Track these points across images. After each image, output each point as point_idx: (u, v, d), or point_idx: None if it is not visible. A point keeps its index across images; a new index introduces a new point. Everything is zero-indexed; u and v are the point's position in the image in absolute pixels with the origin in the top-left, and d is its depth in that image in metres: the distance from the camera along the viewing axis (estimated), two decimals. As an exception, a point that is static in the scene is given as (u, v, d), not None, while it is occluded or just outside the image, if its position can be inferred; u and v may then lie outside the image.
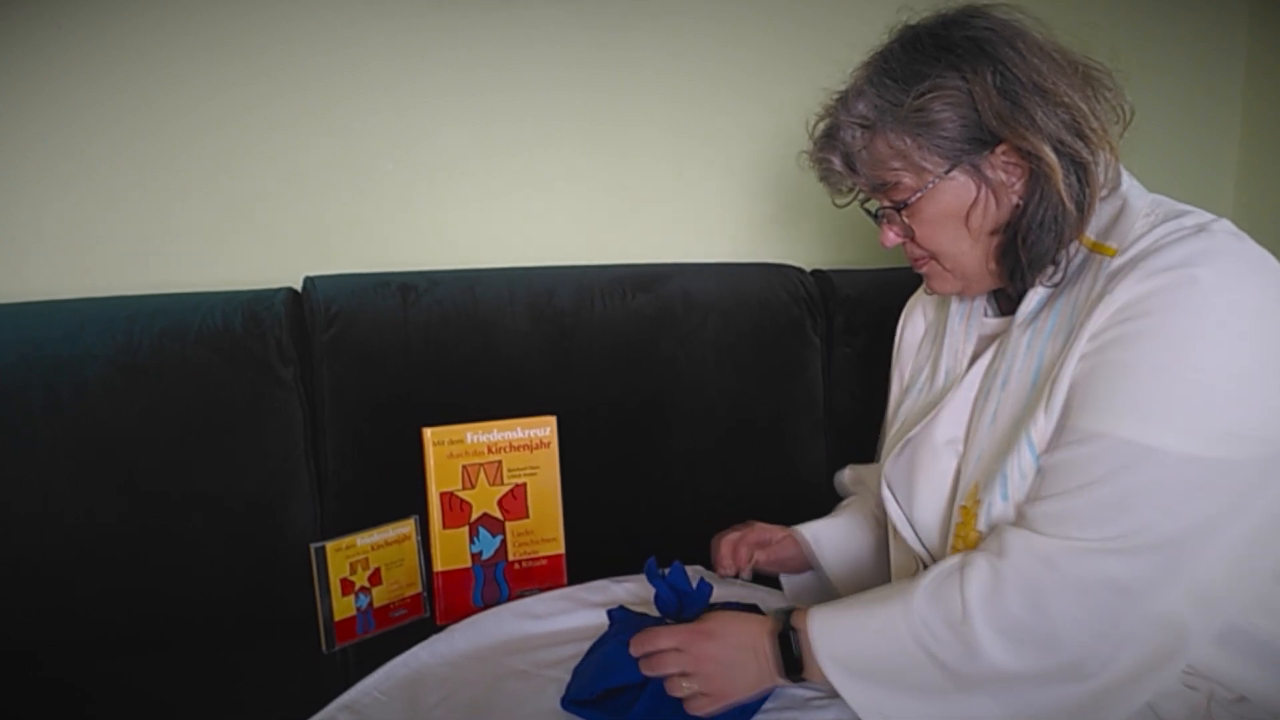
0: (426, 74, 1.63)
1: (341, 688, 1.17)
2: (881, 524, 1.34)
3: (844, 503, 1.40)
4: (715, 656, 1.01)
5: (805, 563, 1.34)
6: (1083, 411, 0.91)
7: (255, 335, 1.41)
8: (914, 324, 1.28)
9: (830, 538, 1.33)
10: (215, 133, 1.54)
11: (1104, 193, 0.98)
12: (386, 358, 1.46)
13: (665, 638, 1.03)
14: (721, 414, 1.62)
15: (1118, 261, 0.93)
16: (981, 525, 0.98)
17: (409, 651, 1.22)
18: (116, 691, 1.23)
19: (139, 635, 1.35)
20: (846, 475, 1.45)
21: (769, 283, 1.70)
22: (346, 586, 1.34)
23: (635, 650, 1.03)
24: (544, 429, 1.42)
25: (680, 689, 1.00)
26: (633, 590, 1.36)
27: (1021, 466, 0.95)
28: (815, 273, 1.76)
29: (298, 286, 1.52)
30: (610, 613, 1.19)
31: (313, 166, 1.59)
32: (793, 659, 0.99)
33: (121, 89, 1.49)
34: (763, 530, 1.36)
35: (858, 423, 1.47)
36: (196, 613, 1.38)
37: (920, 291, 1.28)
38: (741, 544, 1.35)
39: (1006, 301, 1.10)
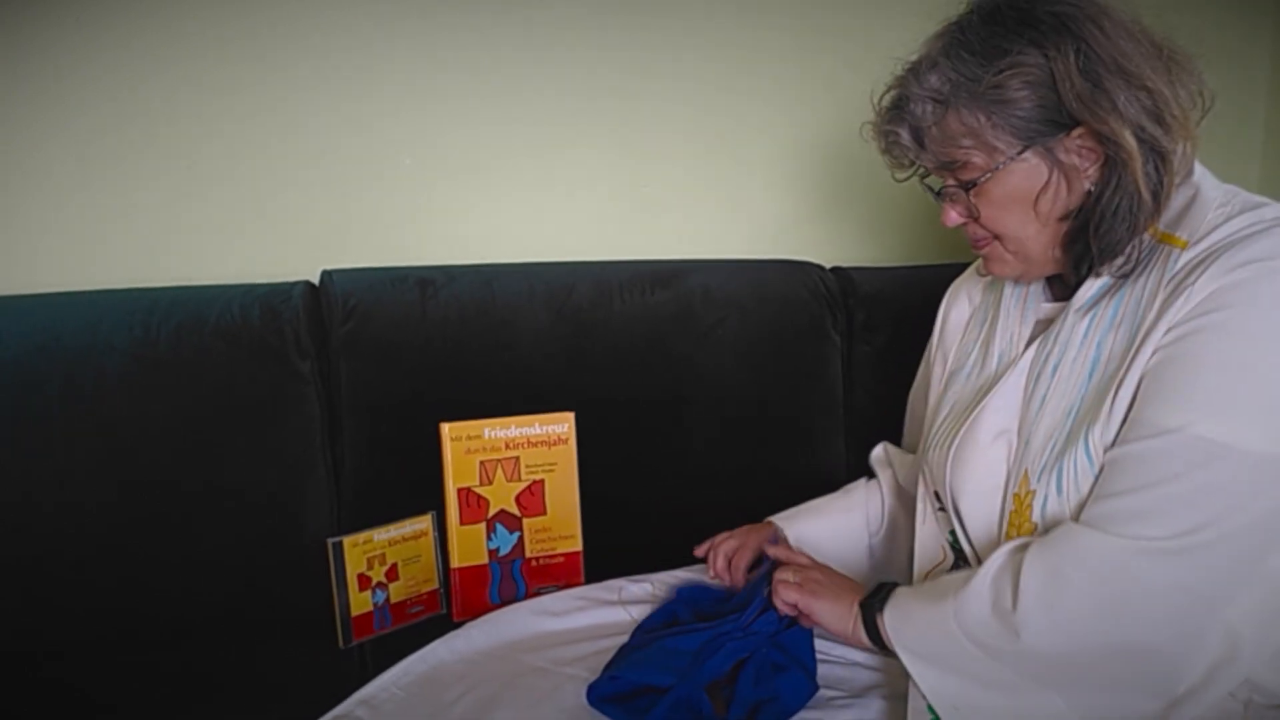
0: (446, 71, 1.62)
1: (358, 683, 1.16)
2: (882, 517, 1.33)
3: (849, 492, 1.37)
4: (821, 580, 1.12)
5: None
6: (1155, 404, 0.88)
7: (272, 329, 1.41)
8: (959, 306, 1.23)
9: (813, 539, 1.31)
10: (233, 126, 1.53)
11: (1177, 181, 0.95)
12: (404, 352, 1.46)
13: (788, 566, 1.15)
14: (740, 411, 1.61)
15: (1190, 254, 0.91)
16: (1036, 516, 0.96)
17: (426, 648, 1.21)
18: (133, 686, 1.23)
19: (155, 629, 1.35)
20: (877, 453, 1.40)
21: (789, 280, 1.69)
22: (364, 582, 1.33)
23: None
24: (562, 425, 1.41)
25: (785, 579, 1.12)
26: (648, 590, 1.35)
27: (1078, 464, 0.93)
28: (835, 270, 1.75)
29: (315, 280, 1.52)
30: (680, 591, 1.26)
31: (331, 161, 1.59)
32: (873, 624, 1.02)
33: (140, 84, 1.49)
34: (756, 538, 1.33)
35: (878, 420, 1.45)
36: (213, 607, 1.38)
37: (968, 274, 1.25)
38: (739, 557, 1.32)
39: (1061, 287, 1.07)
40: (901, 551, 1.30)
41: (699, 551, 1.34)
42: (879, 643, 1.02)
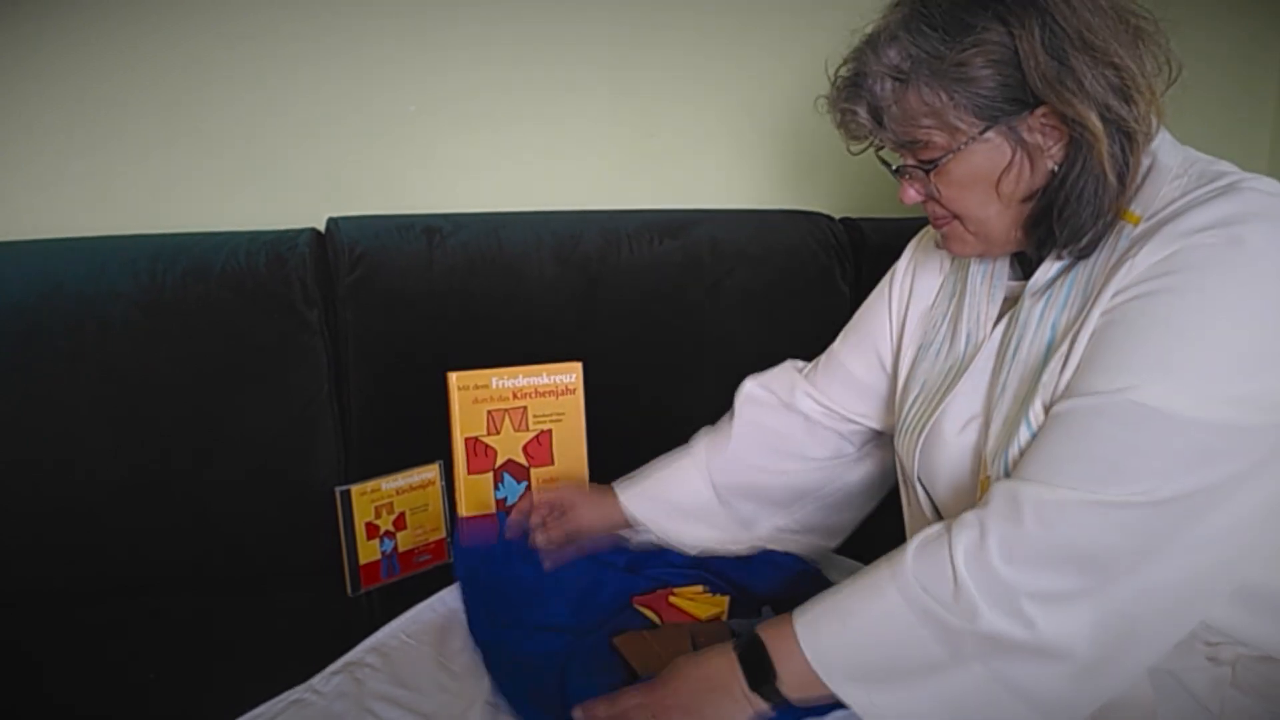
0: (451, 16, 1.59)
1: (366, 632, 1.17)
2: (749, 462, 1.30)
3: (688, 449, 1.33)
4: (680, 704, 0.94)
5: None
6: (1091, 368, 0.87)
7: (279, 276, 1.39)
8: (930, 267, 1.19)
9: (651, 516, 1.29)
10: (238, 73, 1.51)
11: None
12: (411, 301, 1.45)
13: (626, 697, 0.96)
14: (748, 362, 1.59)
15: (1142, 227, 0.89)
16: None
17: (435, 596, 1.23)
18: (141, 634, 1.23)
19: (162, 578, 1.36)
20: (747, 389, 1.35)
21: (797, 230, 1.68)
22: (371, 530, 1.34)
23: (595, 715, 0.96)
24: (570, 375, 1.40)
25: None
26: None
27: (1020, 440, 0.91)
28: (844, 220, 1.73)
29: (321, 228, 1.50)
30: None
31: (336, 108, 1.57)
32: (765, 672, 0.92)
33: (145, 30, 1.46)
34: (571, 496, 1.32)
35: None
36: (220, 555, 1.39)
37: (929, 240, 1.21)
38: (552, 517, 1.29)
39: (1028, 263, 1.04)
40: (781, 486, 1.29)
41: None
42: (773, 694, 0.92)
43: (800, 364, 1.35)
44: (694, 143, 1.76)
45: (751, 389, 1.34)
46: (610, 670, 1.05)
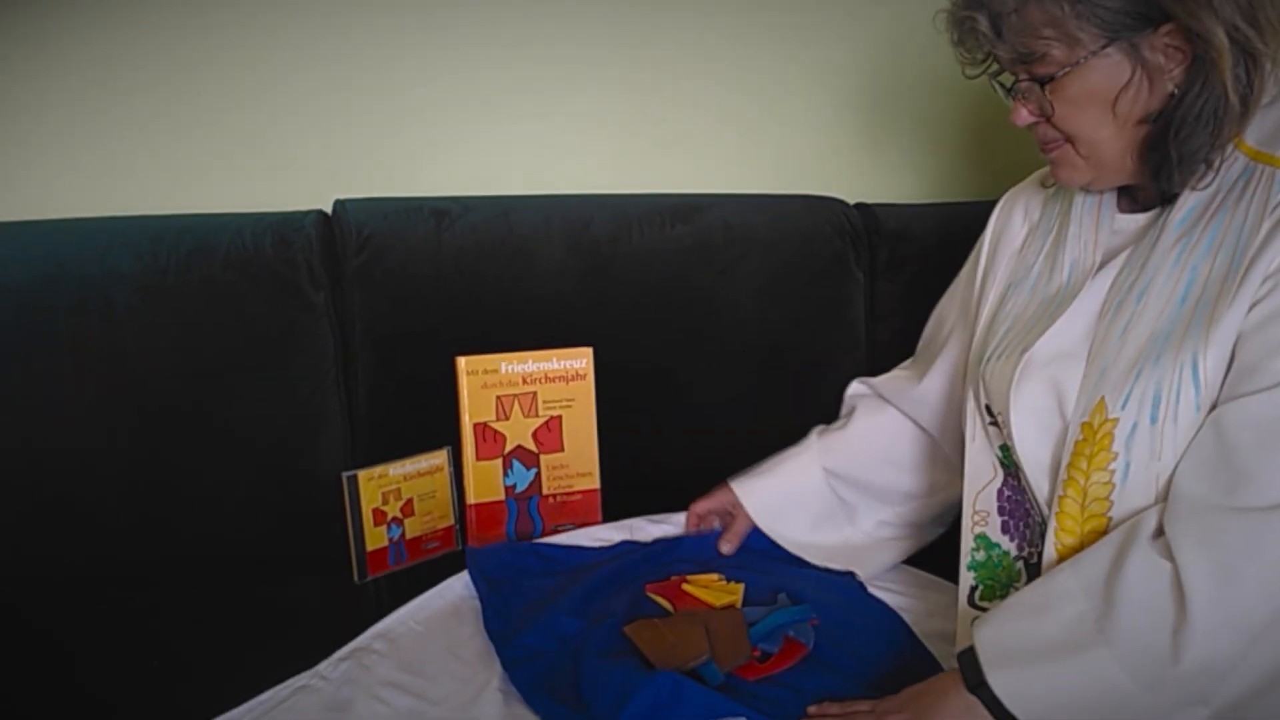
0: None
1: (373, 619, 1.16)
2: (858, 452, 1.31)
3: (803, 444, 1.35)
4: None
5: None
6: (1263, 354, 0.84)
7: (285, 258, 1.37)
8: (1014, 223, 1.16)
9: (770, 508, 1.31)
10: (244, 54, 1.49)
11: (1268, 98, 0.90)
12: (419, 284, 1.42)
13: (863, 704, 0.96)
14: (761, 347, 1.59)
15: None
16: (1118, 446, 0.91)
17: (443, 583, 1.22)
18: (147, 622, 1.21)
19: (168, 566, 1.33)
20: (854, 389, 1.38)
21: (811, 215, 1.65)
22: (379, 517, 1.32)
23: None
24: (580, 360, 1.38)
25: None
26: (666, 530, 1.34)
27: (1181, 391, 0.88)
28: (859, 206, 1.71)
29: (328, 210, 1.48)
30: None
31: (344, 90, 1.54)
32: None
33: (151, 11, 1.44)
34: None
35: (900, 358, 1.42)
36: (226, 541, 1.36)
37: (1027, 184, 1.19)
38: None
39: (1131, 201, 1.02)
40: (884, 482, 1.30)
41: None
42: None
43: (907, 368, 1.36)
44: (706, 127, 1.73)
45: (858, 389, 1.37)
46: (624, 658, 1.02)
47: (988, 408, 1.07)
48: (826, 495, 1.31)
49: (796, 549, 1.29)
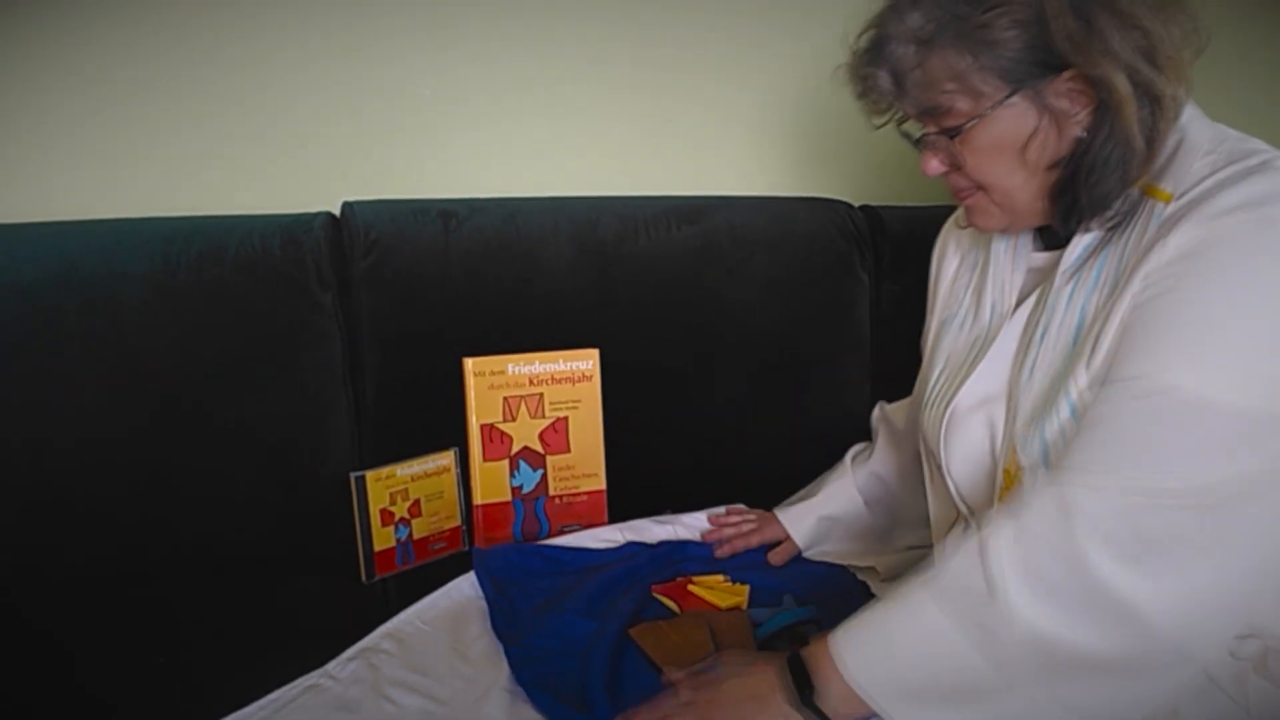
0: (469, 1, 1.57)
1: (381, 619, 1.16)
2: (883, 478, 1.33)
3: (838, 469, 1.37)
4: (723, 712, 0.91)
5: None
6: (1127, 357, 0.85)
7: (293, 260, 1.37)
8: (948, 256, 1.18)
9: (811, 532, 1.32)
10: (251, 54, 1.49)
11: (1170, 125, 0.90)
12: (426, 286, 1.43)
13: (668, 699, 0.94)
14: (766, 349, 1.59)
15: (1173, 208, 0.87)
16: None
17: (451, 583, 1.22)
18: (154, 621, 1.22)
19: (174, 566, 1.33)
20: (875, 415, 1.40)
21: (816, 217, 1.65)
22: (386, 517, 1.33)
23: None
24: (587, 362, 1.39)
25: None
26: (672, 531, 1.34)
27: (1062, 427, 0.89)
28: (864, 208, 1.71)
29: (335, 212, 1.49)
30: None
31: (351, 92, 1.55)
32: (807, 689, 0.89)
33: (161, 12, 1.44)
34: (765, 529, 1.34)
35: (905, 360, 1.41)
36: (234, 541, 1.37)
37: (951, 223, 1.20)
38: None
39: (1050, 235, 1.02)
40: (909, 506, 1.30)
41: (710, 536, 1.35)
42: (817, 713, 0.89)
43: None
44: (712, 129, 1.74)
45: (877, 414, 1.39)
46: (630, 659, 1.03)
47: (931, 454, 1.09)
48: (866, 518, 1.32)
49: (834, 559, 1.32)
